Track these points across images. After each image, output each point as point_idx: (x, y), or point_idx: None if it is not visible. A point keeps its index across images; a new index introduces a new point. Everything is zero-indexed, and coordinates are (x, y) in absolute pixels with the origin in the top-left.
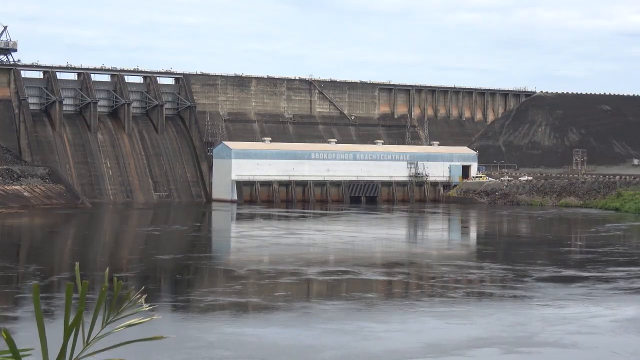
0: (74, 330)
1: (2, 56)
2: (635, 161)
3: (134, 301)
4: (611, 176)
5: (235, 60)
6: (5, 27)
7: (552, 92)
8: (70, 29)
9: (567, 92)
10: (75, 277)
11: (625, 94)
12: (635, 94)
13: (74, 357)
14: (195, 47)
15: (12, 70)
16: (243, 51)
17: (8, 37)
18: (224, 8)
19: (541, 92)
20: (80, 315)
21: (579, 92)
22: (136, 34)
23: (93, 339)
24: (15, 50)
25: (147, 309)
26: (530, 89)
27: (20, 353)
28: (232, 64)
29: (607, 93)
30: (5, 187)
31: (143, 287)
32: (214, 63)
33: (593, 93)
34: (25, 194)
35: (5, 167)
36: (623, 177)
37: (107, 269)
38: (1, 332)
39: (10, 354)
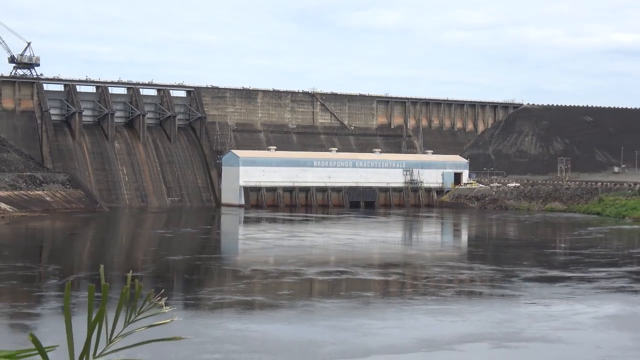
0: (97, 327)
1: (25, 70)
2: (616, 169)
3: (154, 303)
4: (593, 183)
5: (242, 75)
6: (29, 44)
7: (538, 105)
8: (89, 45)
9: (553, 105)
10: (100, 278)
11: (607, 107)
12: (616, 107)
13: (97, 353)
14: (206, 62)
15: (35, 83)
16: (250, 66)
17: (31, 53)
18: (232, 26)
19: (528, 104)
20: (102, 312)
21: (563, 105)
22: (151, 50)
23: (116, 337)
24: (38, 65)
25: (167, 310)
26: (518, 101)
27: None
28: (240, 78)
29: (589, 105)
30: (29, 192)
31: (154, 289)
32: (223, 77)
33: (576, 105)
34: (47, 198)
35: (28, 173)
36: (604, 183)
37: (130, 272)
38: (29, 336)
39: (35, 352)
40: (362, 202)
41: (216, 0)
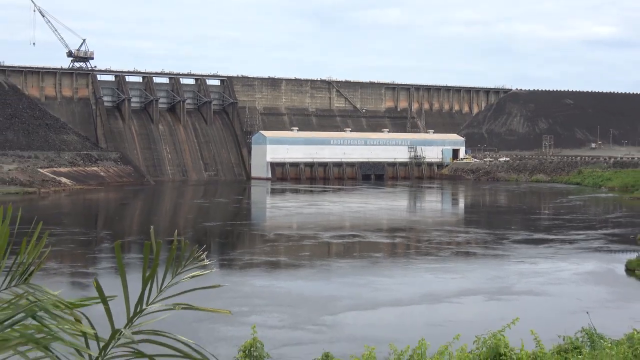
0: (150, 280)
1: (81, 63)
2: (593, 145)
3: (197, 257)
4: (573, 157)
5: (268, 65)
6: (84, 40)
7: (525, 90)
8: (135, 41)
9: (538, 89)
10: (151, 238)
11: (585, 91)
12: (594, 91)
13: (149, 301)
14: (236, 55)
15: (90, 74)
16: (274, 58)
17: (86, 48)
18: (258, 24)
19: (517, 89)
20: (155, 268)
21: (547, 89)
22: (189, 45)
23: (165, 287)
24: (92, 59)
25: (207, 263)
26: (507, 87)
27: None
28: (266, 68)
29: (570, 90)
30: (86, 168)
31: (204, 246)
32: (251, 68)
33: (559, 90)
34: (101, 173)
35: (85, 152)
36: (583, 158)
37: (176, 231)
38: (93, 282)
39: (99, 300)
40: (373, 175)
41: (244, 2)
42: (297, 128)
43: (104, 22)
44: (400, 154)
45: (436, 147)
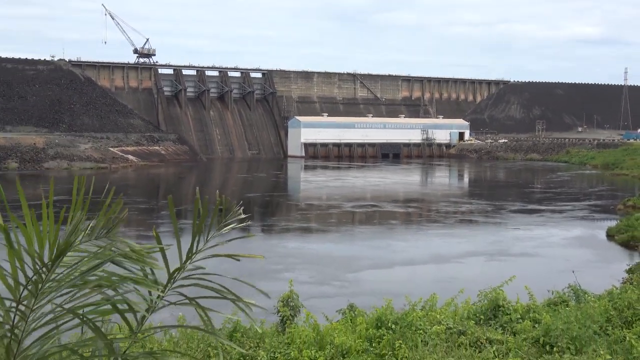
0: (199, 232)
1: (145, 59)
2: (579, 129)
3: (236, 212)
4: (562, 139)
5: (302, 60)
6: (147, 39)
7: (521, 81)
8: (190, 40)
9: (532, 81)
10: (197, 196)
11: (573, 82)
12: (580, 82)
13: (198, 249)
14: (275, 51)
15: (152, 68)
16: (307, 54)
17: (150, 46)
18: (293, 25)
19: (514, 81)
20: (202, 221)
21: (540, 81)
22: (235, 43)
23: (211, 237)
24: (154, 55)
25: (244, 216)
26: (506, 79)
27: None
28: (300, 63)
29: (560, 81)
30: (149, 147)
31: (237, 203)
32: (288, 62)
33: (551, 81)
34: (162, 152)
35: (148, 134)
36: (570, 139)
37: (218, 190)
38: (153, 231)
39: (158, 250)
40: (391, 154)
41: (281, 6)
42: (326, 114)
43: (165, 23)
44: (414, 136)
45: (445, 130)
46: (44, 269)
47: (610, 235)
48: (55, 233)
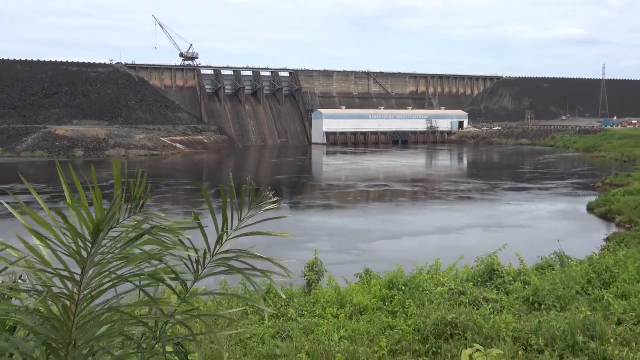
0: (231, 212)
1: (189, 61)
2: (563, 117)
3: (266, 195)
4: (548, 126)
5: (323, 60)
6: (191, 45)
7: (513, 76)
8: (227, 44)
9: (523, 76)
10: (230, 181)
11: (558, 77)
12: (564, 77)
13: (233, 227)
14: (300, 53)
15: (195, 70)
16: (327, 55)
17: (193, 50)
18: (315, 29)
19: (506, 76)
20: (232, 200)
21: (530, 76)
22: (266, 46)
23: (244, 218)
24: (197, 58)
25: (274, 199)
26: (500, 74)
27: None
28: (322, 63)
29: (547, 76)
30: (193, 137)
31: (267, 187)
32: (311, 62)
33: (538, 76)
34: (205, 140)
35: (193, 125)
36: (555, 126)
37: (249, 176)
38: (192, 215)
39: (196, 226)
40: (400, 141)
41: (305, 15)
42: (344, 107)
43: (206, 30)
44: (420, 125)
45: (446, 120)
46: (90, 242)
47: (590, 209)
48: (102, 210)
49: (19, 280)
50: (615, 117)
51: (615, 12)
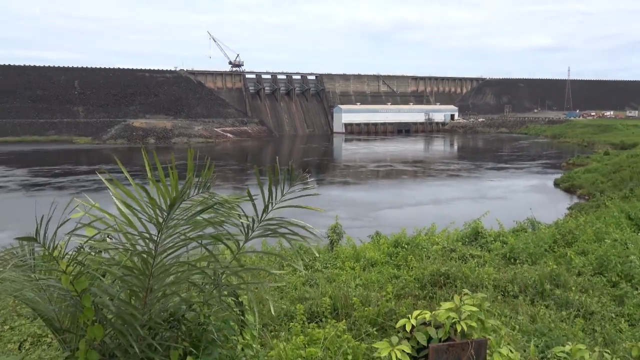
0: (275, 188)
1: (237, 68)
2: (535, 111)
3: (304, 176)
4: (523, 117)
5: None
6: (237, 54)
7: (495, 78)
8: (267, 54)
9: (502, 78)
10: (275, 164)
11: (532, 78)
12: (537, 78)
13: (276, 200)
14: (324, 60)
15: (241, 74)
16: (346, 62)
17: (239, 59)
18: (335, 41)
19: (489, 78)
20: (276, 180)
21: (508, 78)
22: (296, 55)
23: (284, 195)
24: (243, 65)
25: (310, 180)
26: (484, 77)
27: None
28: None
29: (522, 78)
30: (240, 128)
31: (304, 170)
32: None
33: (516, 78)
34: (249, 130)
35: (239, 119)
36: (529, 118)
37: (291, 160)
38: (246, 191)
39: (248, 199)
40: (403, 130)
41: (329, 30)
42: (359, 103)
43: (250, 43)
44: (420, 118)
45: (441, 113)
46: (166, 211)
47: (556, 184)
48: (176, 188)
49: (107, 239)
50: (577, 110)
51: (577, 26)
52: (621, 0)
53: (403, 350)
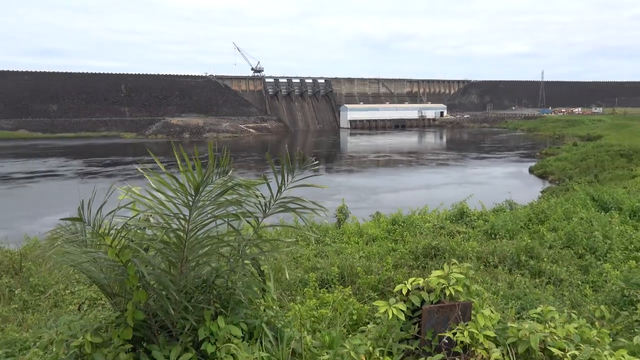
0: (287, 172)
1: (257, 73)
2: (513, 108)
3: (312, 161)
4: (503, 114)
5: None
6: (259, 62)
7: (478, 80)
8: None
9: (485, 80)
10: (287, 153)
11: (511, 80)
12: (514, 80)
13: (287, 182)
14: (332, 67)
15: (262, 79)
16: (351, 69)
17: (260, 66)
18: (344, 50)
19: (474, 80)
20: (287, 164)
21: (490, 80)
22: (308, 63)
23: (293, 179)
24: (263, 71)
25: (316, 162)
26: (469, 79)
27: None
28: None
29: (502, 80)
30: (261, 124)
31: (312, 156)
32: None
33: (496, 80)
34: (268, 127)
35: (260, 116)
36: (508, 114)
37: (299, 148)
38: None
39: (264, 182)
40: (400, 126)
41: (336, 40)
42: (362, 102)
43: (269, 52)
44: (414, 115)
45: (432, 111)
46: (194, 193)
47: (531, 171)
48: (201, 174)
49: (150, 219)
50: (550, 108)
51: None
52: (590, 12)
53: (399, 309)
